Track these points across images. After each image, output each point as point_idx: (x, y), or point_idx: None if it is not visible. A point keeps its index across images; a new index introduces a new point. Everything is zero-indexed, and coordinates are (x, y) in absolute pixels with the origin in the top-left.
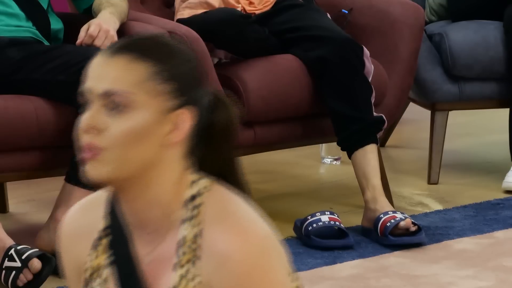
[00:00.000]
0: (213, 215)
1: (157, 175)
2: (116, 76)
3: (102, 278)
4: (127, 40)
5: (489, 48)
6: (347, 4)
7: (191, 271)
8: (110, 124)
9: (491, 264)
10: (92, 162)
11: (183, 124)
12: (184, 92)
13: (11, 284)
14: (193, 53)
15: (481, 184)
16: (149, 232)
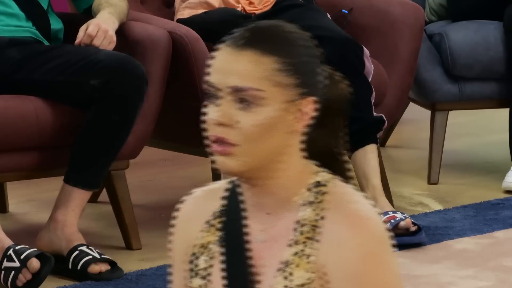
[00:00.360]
0: (336, 203)
1: (283, 161)
2: (245, 72)
3: (209, 254)
4: (251, 34)
5: (489, 48)
6: (347, 4)
7: (307, 249)
8: (240, 119)
9: (491, 264)
10: (225, 156)
11: (307, 112)
12: (307, 81)
13: (11, 284)
14: (310, 38)
15: (481, 184)
16: (268, 213)
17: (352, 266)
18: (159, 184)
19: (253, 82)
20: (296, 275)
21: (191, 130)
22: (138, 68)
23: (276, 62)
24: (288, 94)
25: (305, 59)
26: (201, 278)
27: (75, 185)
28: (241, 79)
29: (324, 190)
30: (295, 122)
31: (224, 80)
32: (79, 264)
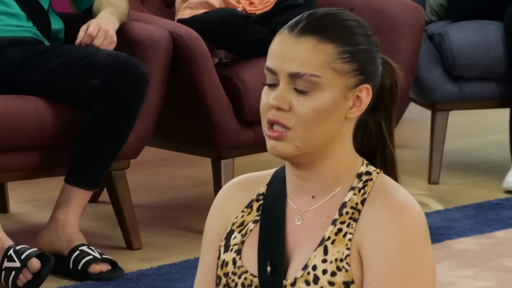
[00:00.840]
0: (378, 190)
1: (336, 147)
2: (304, 58)
3: (245, 230)
4: (310, 21)
5: (489, 48)
6: (348, 4)
7: (345, 228)
8: (298, 104)
9: (491, 264)
10: (279, 141)
11: (363, 99)
12: (364, 69)
13: (11, 284)
14: (369, 26)
15: (482, 184)
16: (314, 196)
17: (391, 246)
18: (159, 184)
19: (311, 68)
20: (333, 251)
21: (192, 130)
22: (138, 68)
23: (335, 49)
24: (346, 81)
25: (363, 47)
26: (233, 252)
27: (76, 185)
28: (300, 65)
29: (370, 178)
30: (351, 109)
31: (283, 66)
32: (80, 264)
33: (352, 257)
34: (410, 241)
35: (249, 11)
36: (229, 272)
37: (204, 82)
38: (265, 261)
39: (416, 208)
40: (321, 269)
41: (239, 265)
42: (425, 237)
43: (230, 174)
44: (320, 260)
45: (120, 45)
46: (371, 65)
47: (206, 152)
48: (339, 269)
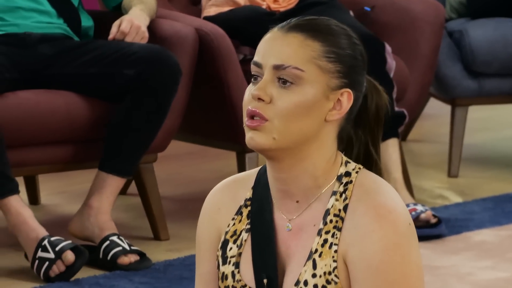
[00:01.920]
0: (360, 194)
1: (314, 149)
2: (290, 52)
3: (240, 241)
4: (300, 21)
5: (507, 45)
6: (370, 2)
7: (330, 238)
8: (278, 96)
9: (509, 256)
10: (256, 131)
11: (343, 104)
12: (348, 74)
13: (43, 275)
14: (359, 40)
15: (500, 178)
16: (298, 201)
17: (375, 256)
18: (186, 177)
19: (296, 61)
20: (321, 264)
21: (217, 124)
22: (171, 59)
23: (321, 47)
24: (329, 80)
25: (349, 52)
26: (232, 265)
27: (110, 172)
28: (285, 58)
29: (349, 180)
30: (331, 112)
31: (269, 58)
32: (109, 255)
33: (340, 269)
34: (391, 251)
35: (273, 9)
36: (229, 285)
37: (229, 78)
38: (261, 274)
39: (398, 212)
40: (312, 284)
41: (238, 279)
42: (408, 242)
43: (254, 167)
44: (310, 275)
45: (149, 41)
46: (355, 72)
47: (231, 145)
48: (329, 282)
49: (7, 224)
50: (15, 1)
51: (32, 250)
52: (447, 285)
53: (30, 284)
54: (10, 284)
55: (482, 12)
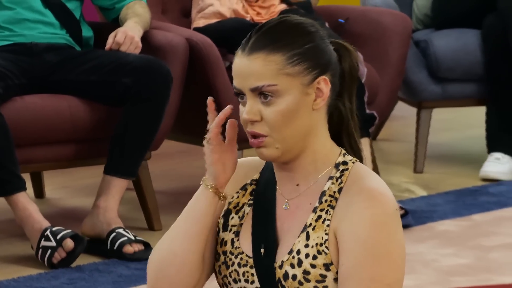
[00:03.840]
0: (353, 179)
1: (311, 138)
2: (258, 73)
3: (242, 213)
4: (257, 36)
5: (469, 53)
6: (344, 14)
7: (324, 215)
8: (266, 113)
9: (470, 244)
10: (262, 147)
11: (324, 90)
12: (317, 63)
13: (47, 261)
14: (313, 23)
15: (462, 173)
16: (298, 184)
17: (362, 232)
18: (177, 173)
19: (266, 79)
20: (314, 236)
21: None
22: (163, 68)
23: (283, 56)
24: (302, 80)
25: (309, 45)
26: (232, 233)
27: (114, 175)
28: (256, 79)
29: (346, 167)
30: (315, 101)
31: (244, 83)
32: (116, 245)
33: (330, 242)
34: (380, 227)
35: (256, 21)
36: (227, 251)
37: (217, 83)
38: (259, 244)
39: (387, 196)
40: (304, 253)
41: (237, 246)
42: (394, 223)
43: None
44: (303, 245)
45: (144, 50)
46: (322, 57)
47: None
48: (319, 252)
49: (15, 217)
50: (23, 13)
51: (36, 240)
52: (414, 270)
53: (36, 270)
54: (18, 271)
55: (445, 23)
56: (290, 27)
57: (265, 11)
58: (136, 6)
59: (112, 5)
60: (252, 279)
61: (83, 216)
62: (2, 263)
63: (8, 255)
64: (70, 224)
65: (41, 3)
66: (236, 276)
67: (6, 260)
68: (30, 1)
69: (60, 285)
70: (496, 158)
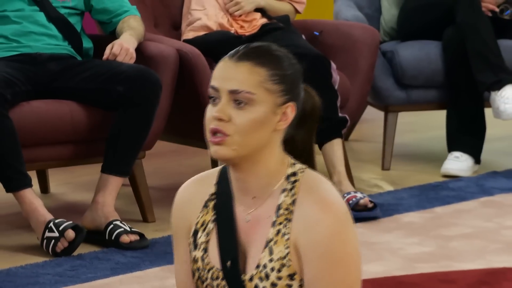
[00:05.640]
0: (306, 190)
1: (266, 153)
2: (242, 78)
3: (207, 231)
4: (247, 50)
5: (431, 62)
6: (318, 27)
7: (283, 228)
8: (235, 116)
9: (432, 234)
10: (220, 145)
11: (288, 115)
12: (290, 90)
13: (51, 251)
14: (295, 59)
15: (425, 171)
16: (254, 197)
17: (321, 243)
18: (169, 170)
19: (247, 86)
20: (276, 251)
21: (195, 127)
22: (154, 77)
23: (267, 72)
24: (276, 99)
25: (290, 72)
26: (201, 250)
27: (110, 173)
28: (238, 84)
29: (296, 179)
30: (279, 122)
31: (224, 84)
32: (113, 235)
33: (292, 254)
34: (335, 236)
35: (240, 33)
36: (199, 267)
37: (204, 89)
38: (225, 257)
39: (337, 204)
40: (269, 267)
41: (207, 261)
42: (347, 228)
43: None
44: (268, 260)
45: (138, 60)
46: (296, 87)
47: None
48: (283, 265)
49: (22, 211)
50: (29, 27)
51: (41, 232)
52: (382, 258)
53: (41, 258)
54: (25, 259)
55: (410, 35)
56: (279, 51)
57: (247, 25)
58: (131, 20)
59: (109, 19)
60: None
61: (84, 209)
62: (11, 252)
63: (16, 245)
64: (72, 217)
65: (46, 18)
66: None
67: (14, 250)
68: (35, 16)
69: (63, 271)
70: (456, 156)
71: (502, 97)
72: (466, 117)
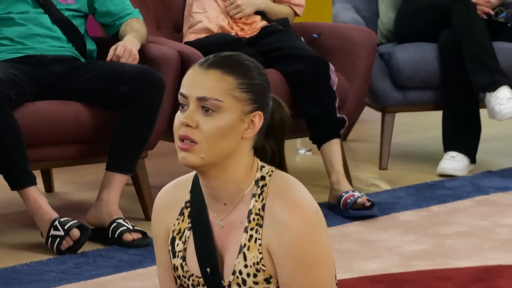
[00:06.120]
0: (274, 193)
1: (234, 161)
2: (210, 86)
3: (184, 238)
4: (217, 59)
5: (427, 64)
6: (317, 30)
7: (255, 234)
8: (203, 123)
9: (428, 232)
10: (188, 152)
11: (256, 123)
12: (257, 99)
13: (56, 249)
14: (263, 69)
15: (421, 170)
16: (225, 203)
17: (291, 246)
18: (171, 170)
19: (216, 94)
20: (250, 256)
21: None
22: (157, 76)
23: (235, 80)
24: (243, 107)
25: (258, 82)
26: (180, 258)
27: (115, 171)
28: (206, 91)
29: (265, 183)
30: (246, 130)
31: (193, 91)
32: (116, 233)
33: (265, 258)
34: (304, 239)
35: (240, 35)
36: (180, 275)
37: None
38: (204, 264)
39: (305, 206)
40: (245, 273)
41: (186, 269)
42: (317, 229)
43: None
44: (242, 265)
45: (141, 61)
46: (264, 97)
47: None
48: (258, 270)
49: (27, 209)
50: (34, 29)
51: (46, 230)
52: (379, 256)
53: (46, 256)
54: (30, 257)
55: (406, 38)
56: (248, 61)
57: (247, 27)
58: (134, 22)
59: (112, 22)
60: None
61: (87, 208)
62: (16, 250)
63: (21, 243)
64: (76, 215)
65: (50, 20)
66: None
67: (19, 247)
68: (40, 18)
69: (67, 269)
70: (451, 156)
71: (497, 98)
72: (462, 117)
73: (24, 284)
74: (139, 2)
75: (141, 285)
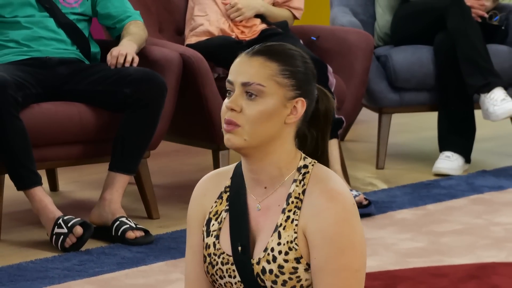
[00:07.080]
0: (315, 181)
1: (277, 146)
2: (254, 72)
3: (220, 219)
4: (262, 47)
5: (422, 66)
6: (315, 32)
7: (292, 215)
8: (247, 107)
9: (424, 230)
10: (231, 133)
11: (298, 110)
12: (300, 86)
13: (60, 246)
14: (309, 58)
15: (417, 169)
16: (266, 187)
17: (328, 229)
18: (173, 169)
19: (258, 79)
20: (284, 235)
21: (197, 128)
22: (159, 78)
23: (278, 66)
24: (285, 92)
25: (301, 69)
26: (213, 237)
27: (117, 171)
28: (250, 76)
29: (307, 171)
30: (288, 116)
31: (238, 77)
32: (119, 231)
33: (299, 239)
34: (342, 223)
35: (240, 38)
36: (211, 253)
37: (206, 92)
38: (236, 243)
39: (345, 194)
40: (277, 250)
41: (218, 247)
42: (354, 216)
43: (226, 162)
44: (276, 243)
45: (143, 64)
46: (306, 84)
47: (208, 144)
48: (290, 249)
49: (32, 208)
50: (39, 32)
51: (50, 228)
52: (376, 253)
53: (50, 253)
54: (35, 254)
55: (403, 40)
56: (293, 50)
57: (248, 30)
58: (131, 26)
59: (113, 24)
60: (234, 274)
61: (91, 206)
62: (21, 247)
63: (26, 241)
64: (80, 213)
65: (55, 24)
66: (221, 273)
67: (25, 245)
68: (45, 22)
69: (71, 266)
70: (447, 156)
71: (491, 99)
72: (457, 118)
73: (29, 281)
74: (143, 6)
75: (144, 281)
